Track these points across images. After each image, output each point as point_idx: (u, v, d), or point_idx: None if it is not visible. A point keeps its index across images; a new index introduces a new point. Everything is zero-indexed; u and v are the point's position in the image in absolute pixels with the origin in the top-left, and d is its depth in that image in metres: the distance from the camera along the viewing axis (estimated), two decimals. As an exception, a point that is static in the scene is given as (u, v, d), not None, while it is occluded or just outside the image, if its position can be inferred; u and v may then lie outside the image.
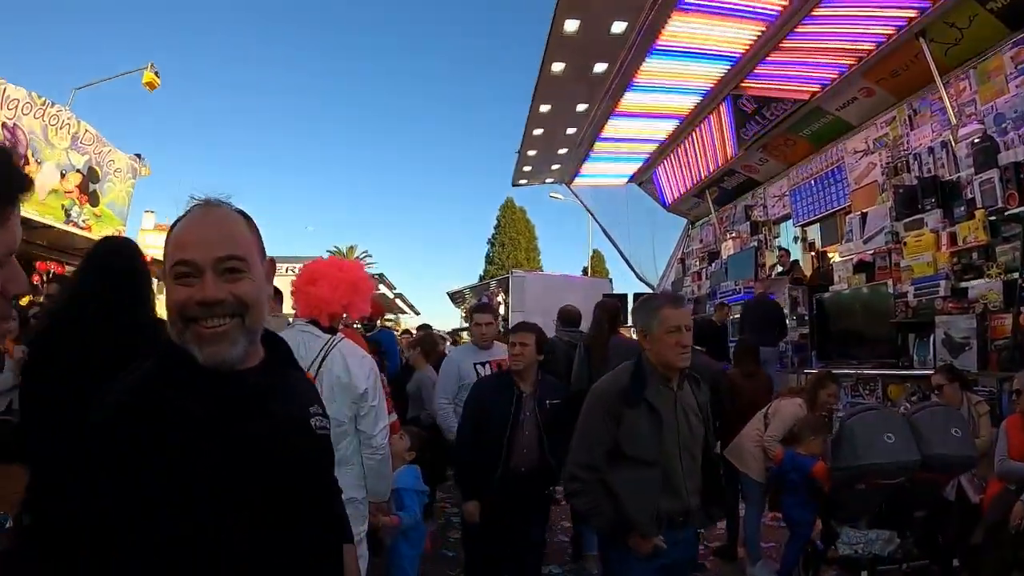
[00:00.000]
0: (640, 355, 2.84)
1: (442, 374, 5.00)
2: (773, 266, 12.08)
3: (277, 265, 1.99)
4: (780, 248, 12.37)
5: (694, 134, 12.99)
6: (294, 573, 1.33)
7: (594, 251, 32.97)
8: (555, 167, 15.20)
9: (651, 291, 16.41)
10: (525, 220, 46.05)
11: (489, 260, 44.64)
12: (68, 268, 12.32)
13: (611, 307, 5.38)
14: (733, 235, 13.94)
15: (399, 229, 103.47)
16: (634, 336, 4.60)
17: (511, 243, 44.47)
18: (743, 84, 10.39)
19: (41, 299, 8.41)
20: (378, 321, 7.59)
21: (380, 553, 3.81)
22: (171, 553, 1.14)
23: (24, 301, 7.55)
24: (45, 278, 9.95)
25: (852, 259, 9.01)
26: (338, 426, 2.79)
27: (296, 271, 3.41)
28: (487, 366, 4.80)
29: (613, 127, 12.58)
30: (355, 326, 7.12)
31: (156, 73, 13.58)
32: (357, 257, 46.40)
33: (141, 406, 1.19)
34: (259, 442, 1.26)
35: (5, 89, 9.90)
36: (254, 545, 1.23)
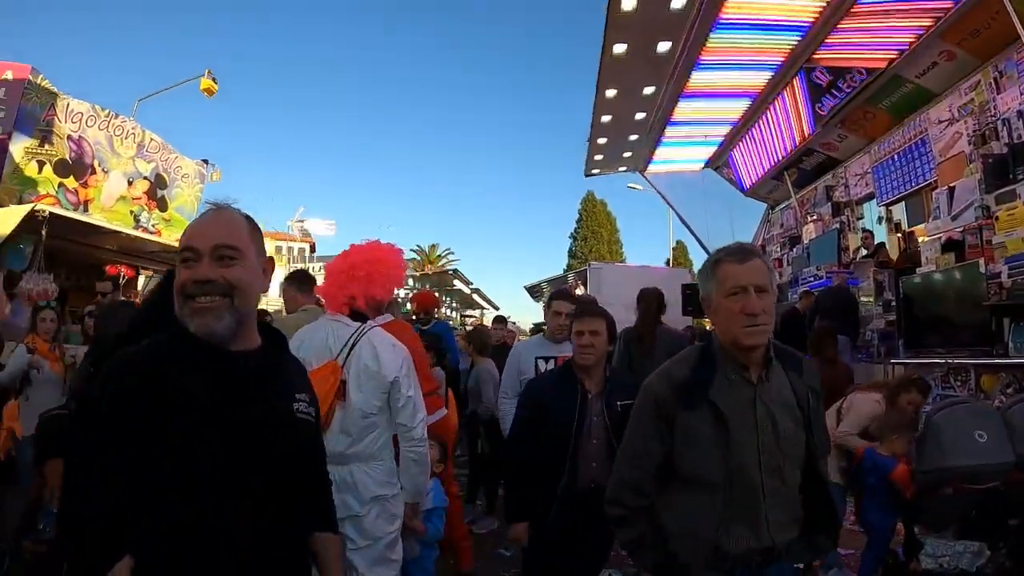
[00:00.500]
0: (709, 336, 2.14)
1: (507, 367, 4.52)
2: (857, 249, 11.54)
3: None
4: (864, 230, 11.79)
5: (768, 112, 12.55)
6: (290, 562, 1.51)
7: (677, 242, 32.34)
8: (627, 155, 15.01)
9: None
10: (606, 213, 45.67)
11: (572, 254, 44.42)
12: (144, 272, 13.00)
13: (655, 294, 5.19)
14: (814, 218, 13.40)
15: (481, 226, 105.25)
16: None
17: (593, 236, 44.15)
18: (815, 55, 9.99)
19: (98, 298, 8.91)
20: (435, 314, 7.63)
21: None
22: (174, 539, 1.29)
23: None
24: (116, 282, 10.43)
25: (940, 238, 8.51)
26: (364, 417, 2.79)
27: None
28: (551, 362, 4.28)
29: (683, 109, 12.32)
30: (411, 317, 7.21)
31: (213, 79, 14.02)
32: (439, 255, 47.13)
33: (149, 388, 1.35)
34: (258, 429, 1.44)
35: (69, 104, 10.43)
36: (255, 534, 1.39)
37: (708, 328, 5.09)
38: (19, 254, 8.28)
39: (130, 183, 11.93)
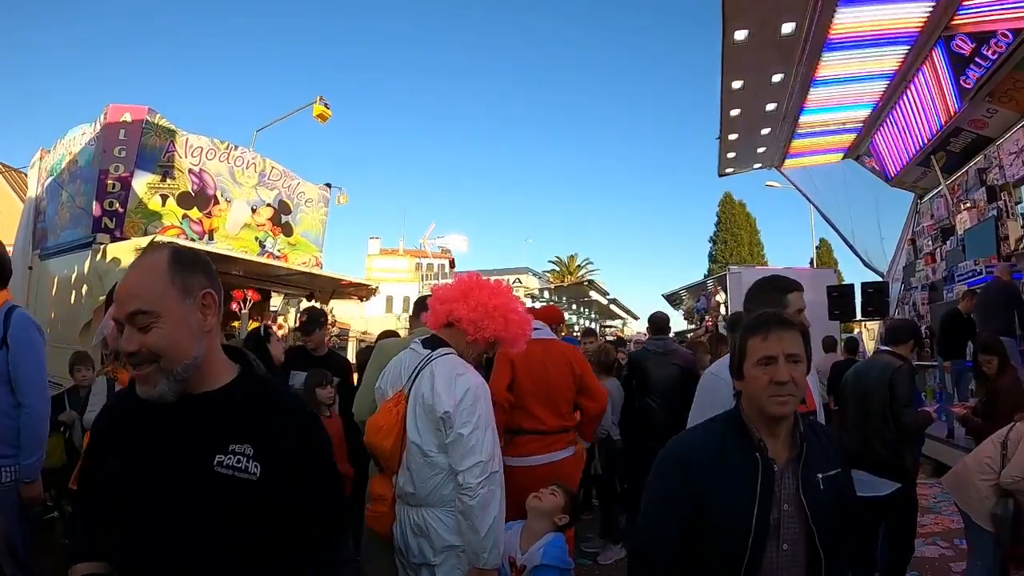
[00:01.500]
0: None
1: (703, 392, 2.80)
2: (1020, 238, 10.74)
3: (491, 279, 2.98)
4: None
5: (909, 91, 12.01)
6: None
7: (821, 240, 30.91)
8: (761, 150, 14.72)
9: (880, 279, 15.22)
10: (745, 214, 44.81)
11: (712, 258, 43.85)
12: (276, 294, 13.50)
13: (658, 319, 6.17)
14: (968, 205, 12.59)
15: (619, 235, 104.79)
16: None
17: (733, 239, 43.42)
18: (954, 21, 9.57)
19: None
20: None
21: None
22: (115, 514, 1.53)
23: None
24: (242, 304, 10.83)
25: None
26: (424, 456, 2.60)
27: (513, 284, 3.40)
28: None
29: (816, 95, 12.03)
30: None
31: (326, 104, 14.53)
32: (579, 266, 47.38)
33: (107, 431, 1.63)
34: (162, 482, 1.47)
35: (188, 140, 11.04)
36: (155, 530, 1.48)
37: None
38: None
39: (254, 211, 12.28)
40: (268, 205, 12.78)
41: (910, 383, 4.18)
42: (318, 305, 13.17)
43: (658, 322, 6.41)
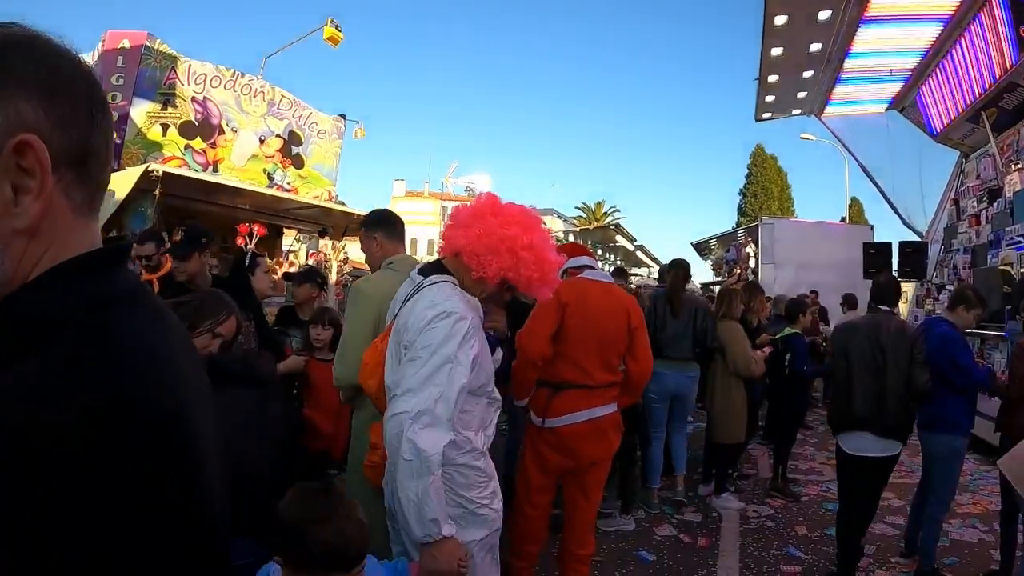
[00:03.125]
0: None
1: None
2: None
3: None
4: None
5: (962, 40, 11.30)
6: None
7: (852, 199, 30.01)
8: (801, 95, 14.11)
9: (919, 239, 14.71)
10: (777, 168, 43.88)
11: (741, 212, 43.11)
12: (288, 231, 13.12)
13: (682, 265, 6.15)
14: (1019, 166, 11.93)
15: (647, 183, 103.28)
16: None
17: (763, 193, 42.62)
18: (1017, -36, 8.92)
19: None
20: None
21: None
22: None
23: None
24: (248, 239, 10.24)
25: None
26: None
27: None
28: None
29: (864, 38, 11.40)
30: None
31: (337, 27, 13.80)
32: (605, 213, 46.66)
33: None
34: None
35: (191, 66, 10.73)
36: None
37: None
38: (141, 216, 8.20)
39: (262, 141, 12.01)
40: (277, 136, 12.51)
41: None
42: (326, 243, 12.84)
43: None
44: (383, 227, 3.29)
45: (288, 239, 13.79)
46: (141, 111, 10.17)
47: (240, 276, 4.18)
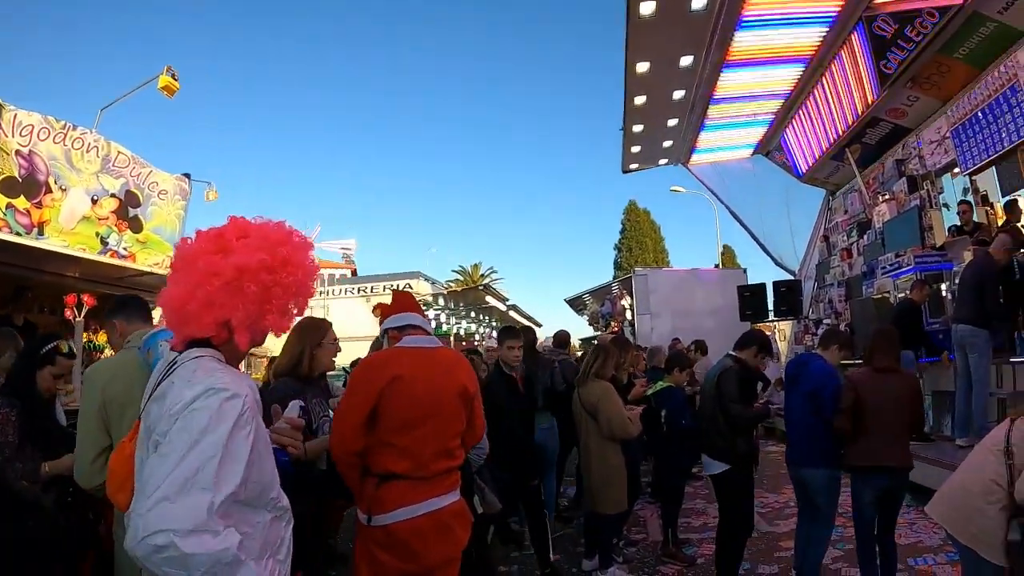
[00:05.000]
0: None
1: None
2: (954, 228, 9.92)
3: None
4: (962, 201, 9.94)
5: (825, 79, 11.14)
6: None
7: (724, 247, 30.82)
8: (667, 144, 13.68)
9: (792, 278, 14.59)
10: (650, 221, 45.55)
11: (617, 266, 44.33)
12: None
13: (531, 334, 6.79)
14: (887, 197, 11.83)
15: (524, 244, 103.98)
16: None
17: (638, 246, 44.03)
18: (876, 0, 8.61)
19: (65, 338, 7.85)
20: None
21: None
22: None
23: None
24: (76, 311, 9.41)
25: None
26: None
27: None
28: None
29: (727, 82, 11.03)
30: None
31: (173, 76, 12.68)
32: (483, 275, 46.29)
33: None
34: None
35: (16, 116, 9.60)
36: None
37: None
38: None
39: (95, 201, 10.97)
40: (113, 196, 11.33)
41: (736, 382, 4.71)
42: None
43: (560, 338, 8.20)
44: (122, 311, 3.21)
45: None
46: (-49, 165, 9.01)
47: (26, 370, 3.53)
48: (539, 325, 30.42)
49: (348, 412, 2.79)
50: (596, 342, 8.35)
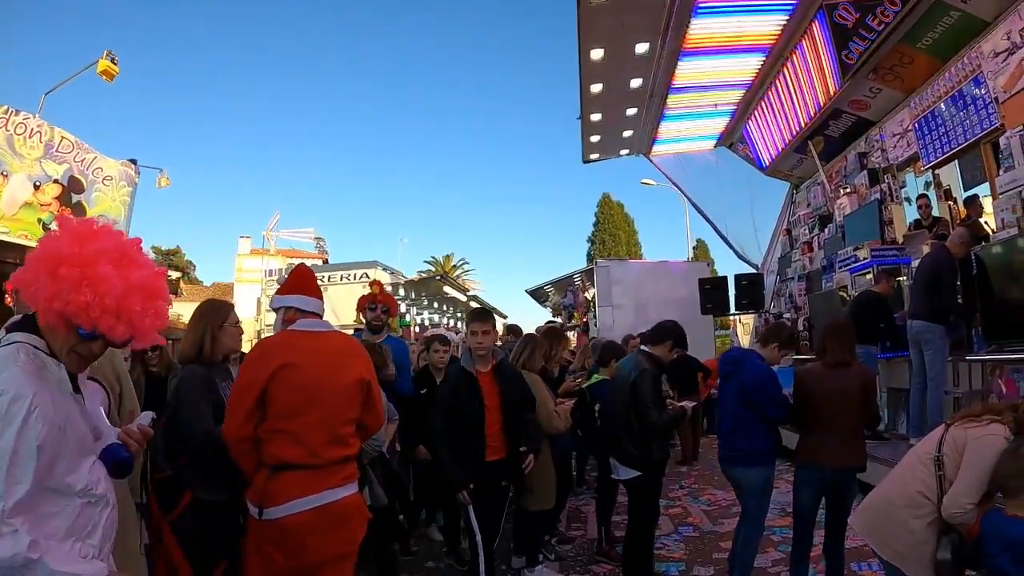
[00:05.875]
0: None
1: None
2: (914, 222, 9.67)
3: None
4: (921, 195, 9.77)
5: (786, 69, 10.78)
6: None
7: (698, 241, 30.71)
8: (627, 134, 13.29)
9: (755, 271, 14.35)
10: (624, 215, 45.36)
11: (590, 259, 43.85)
12: None
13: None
14: (848, 190, 11.56)
15: (497, 237, 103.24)
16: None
17: (611, 239, 43.72)
18: (838, -14, 8.25)
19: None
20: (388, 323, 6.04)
21: None
22: None
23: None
24: (15, 298, 8.96)
25: (1021, 191, 6.81)
26: None
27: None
28: None
29: (686, 70, 10.65)
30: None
31: (113, 60, 12.39)
32: (454, 266, 45.90)
33: None
34: None
35: None
36: None
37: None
38: None
39: (37, 187, 10.73)
40: (55, 182, 11.19)
41: (652, 386, 4.42)
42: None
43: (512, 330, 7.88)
44: None
45: None
46: None
47: None
48: (504, 316, 30.03)
49: (237, 397, 2.81)
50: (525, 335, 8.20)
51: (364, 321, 5.69)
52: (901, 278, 8.66)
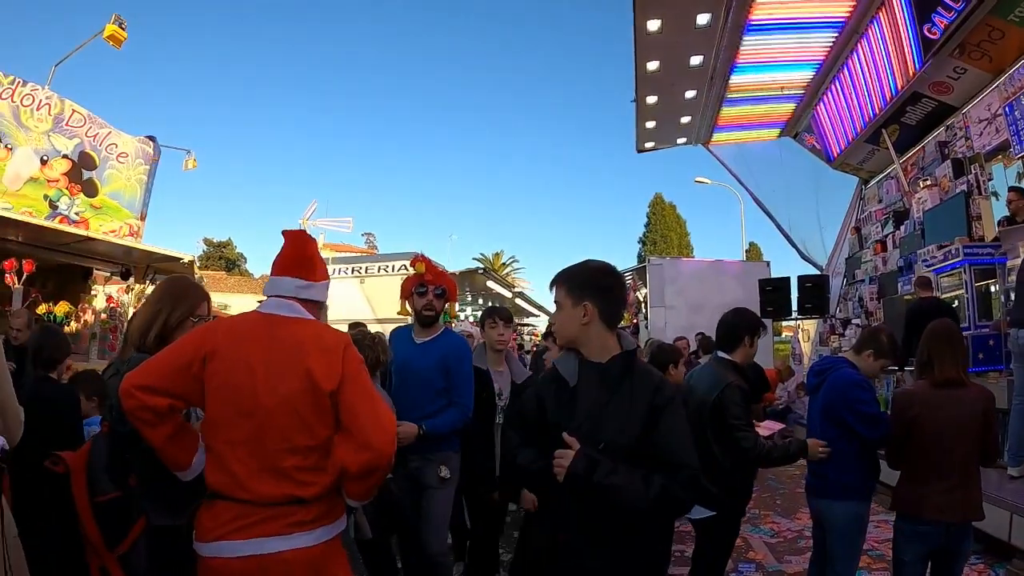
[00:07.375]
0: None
1: None
2: (1004, 220, 8.68)
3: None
4: (1013, 188, 8.46)
5: (860, 48, 9.95)
6: None
7: (750, 244, 29.74)
8: (685, 119, 12.60)
9: (819, 272, 13.49)
10: (676, 215, 44.90)
11: (641, 259, 42.90)
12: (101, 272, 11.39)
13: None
14: (928, 183, 10.59)
15: (548, 236, 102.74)
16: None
17: (662, 240, 43.38)
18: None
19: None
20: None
21: None
22: None
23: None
24: (17, 278, 8.81)
25: None
26: None
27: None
28: None
29: (749, 48, 9.93)
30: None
31: (121, 25, 11.88)
32: (504, 263, 45.53)
33: None
34: None
35: None
36: None
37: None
38: None
39: (44, 162, 10.43)
40: (64, 157, 10.79)
41: (743, 400, 3.57)
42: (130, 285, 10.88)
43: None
44: None
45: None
46: None
47: None
48: (548, 314, 29.46)
49: (167, 352, 2.16)
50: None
51: (412, 311, 4.09)
52: (992, 281, 7.85)
